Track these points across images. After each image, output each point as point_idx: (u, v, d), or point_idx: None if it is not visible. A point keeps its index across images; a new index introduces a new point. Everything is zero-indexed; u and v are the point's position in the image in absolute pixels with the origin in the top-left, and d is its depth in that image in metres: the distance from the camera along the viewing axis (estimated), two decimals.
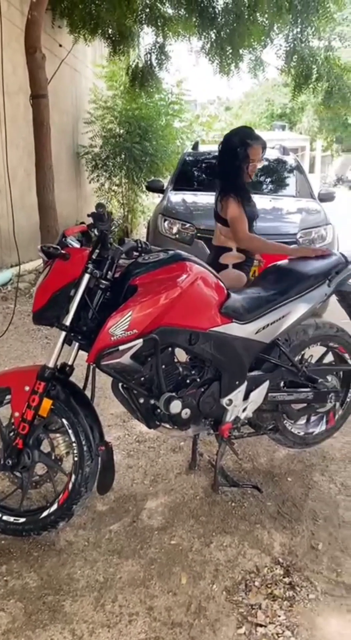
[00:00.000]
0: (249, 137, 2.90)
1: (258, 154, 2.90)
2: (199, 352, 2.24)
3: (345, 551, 2.12)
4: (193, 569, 2.03)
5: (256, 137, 2.92)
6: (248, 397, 2.41)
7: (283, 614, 1.82)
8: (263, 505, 2.40)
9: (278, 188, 6.12)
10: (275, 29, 6.17)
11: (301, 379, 2.60)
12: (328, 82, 6.06)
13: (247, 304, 2.35)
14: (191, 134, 12.44)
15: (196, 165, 6.44)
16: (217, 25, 6.24)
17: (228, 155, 2.92)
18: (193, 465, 2.66)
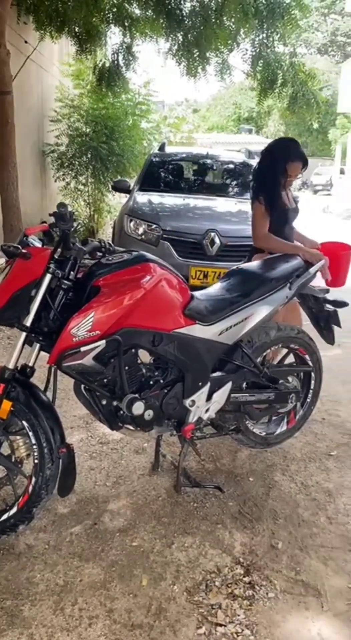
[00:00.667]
0: (291, 153, 2.94)
1: (296, 170, 2.94)
2: (162, 354, 2.25)
3: (304, 550, 2.15)
4: (154, 571, 2.03)
5: (298, 154, 2.94)
6: (211, 398, 2.42)
7: (243, 613, 1.84)
8: (224, 505, 2.42)
9: (243, 191, 6.19)
10: (242, 34, 6.21)
11: (263, 380, 2.64)
12: (292, 87, 6.15)
13: (211, 305, 2.37)
14: (158, 134, 12.46)
15: (162, 166, 6.45)
16: (184, 28, 6.26)
17: (266, 166, 3.01)
18: (155, 467, 2.66)
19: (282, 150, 2.97)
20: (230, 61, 6.70)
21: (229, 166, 6.63)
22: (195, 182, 6.49)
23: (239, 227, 5.09)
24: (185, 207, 5.33)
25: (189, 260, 4.70)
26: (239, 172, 6.54)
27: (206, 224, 4.87)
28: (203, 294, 2.45)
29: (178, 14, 6.28)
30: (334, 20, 36.44)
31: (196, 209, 5.33)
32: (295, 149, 2.97)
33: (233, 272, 2.68)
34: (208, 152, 6.95)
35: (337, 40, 36.68)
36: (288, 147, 3.00)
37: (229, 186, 6.41)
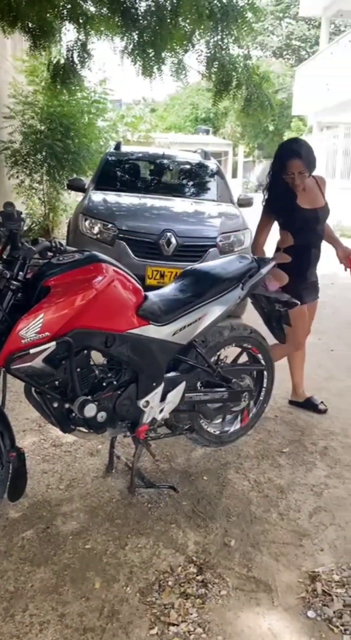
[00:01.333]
0: (287, 149, 2.97)
1: (295, 167, 2.90)
2: (115, 355, 2.24)
3: (256, 546, 2.19)
4: (107, 573, 2.02)
5: (293, 151, 2.93)
6: (165, 399, 2.43)
7: (195, 612, 1.85)
8: (178, 505, 2.43)
9: (199, 192, 6.23)
10: (197, 35, 6.24)
11: (217, 379, 2.66)
12: (247, 89, 6.20)
13: (164, 306, 2.37)
14: (115, 133, 12.39)
15: (118, 165, 6.42)
16: (139, 27, 6.22)
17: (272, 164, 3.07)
18: (109, 468, 2.64)
19: (280, 148, 3.05)
20: (186, 62, 6.73)
21: (185, 167, 6.66)
22: (151, 181, 6.49)
23: (195, 227, 5.13)
24: (141, 207, 5.32)
25: (146, 260, 4.69)
26: (196, 172, 6.58)
27: (162, 224, 4.88)
28: (156, 294, 2.45)
29: (133, 13, 6.25)
30: (289, 24, 37.11)
31: (152, 209, 5.33)
32: (290, 146, 3.01)
33: (187, 272, 2.70)
34: (164, 152, 6.96)
35: (292, 44, 37.37)
36: (285, 145, 3.07)
37: (186, 186, 6.44)
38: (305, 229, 3.07)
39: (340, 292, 6.58)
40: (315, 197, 3.10)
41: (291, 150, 2.95)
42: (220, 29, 5.93)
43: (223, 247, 4.88)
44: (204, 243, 4.88)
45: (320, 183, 3.15)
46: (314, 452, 2.94)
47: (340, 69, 16.25)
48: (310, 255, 3.14)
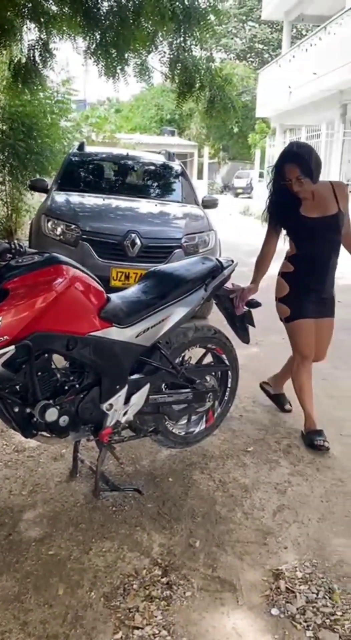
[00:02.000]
0: (284, 155, 2.85)
1: (292, 172, 2.76)
2: (77, 358, 2.22)
3: (221, 546, 2.20)
4: (71, 578, 1.99)
5: (291, 155, 2.82)
6: (128, 401, 2.42)
7: (160, 614, 1.84)
8: (143, 507, 2.42)
9: (164, 193, 6.23)
10: (160, 36, 6.26)
11: (181, 380, 2.67)
12: (210, 91, 6.27)
13: (127, 307, 2.36)
14: (79, 134, 12.29)
15: (82, 166, 6.36)
16: (102, 27, 6.21)
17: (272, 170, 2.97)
18: (73, 473, 2.61)
19: (280, 154, 2.90)
20: (150, 63, 6.74)
21: (149, 168, 6.65)
22: (115, 182, 6.45)
23: (160, 228, 5.12)
24: (105, 208, 5.29)
25: (110, 262, 4.66)
26: (160, 174, 6.58)
27: (126, 225, 4.86)
28: (119, 296, 2.44)
29: (96, 13, 6.23)
30: (252, 27, 37.56)
31: (116, 210, 5.30)
32: (287, 150, 2.90)
33: (150, 274, 2.69)
34: (128, 152, 6.94)
35: (255, 47, 37.84)
36: (284, 149, 2.94)
37: (150, 188, 6.43)
38: (310, 238, 2.93)
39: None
40: (326, 204, 2.89)
41: (287, 155, 2.83)
42: (183, 30, 5.97)
43: (188, 248, 4.89)
44: (169, 244, 4.88)
45: (337, 190, 2.92)
46: (278, 451, 2.98)
47: (302, 72, 16.52)
48: (314, 266, 2.98)
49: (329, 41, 15.55)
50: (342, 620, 1.86)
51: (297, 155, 2.79)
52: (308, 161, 2.76)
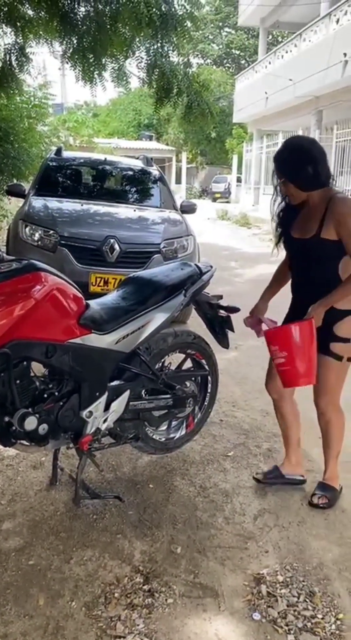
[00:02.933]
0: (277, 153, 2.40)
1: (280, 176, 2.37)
2: (57, 365, 2.20)
3: (202, 552, 2.20)
4: (52, 588, 1.97)
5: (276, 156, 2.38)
6: (108, 408, 2.40)
7: (142, 622, 1.83)
8: (124, 514, 2.41)
9: (142, 198, 6.23)
10: (137, 42, 6.28)
11: (161, 386, 2.67)
12: (187, 97, 6.30)
13: (106, 314, 2.35)
14: (56, 138, 12.23)
15: (59, 171, 6.33)
16: (79, 32, 6.20)
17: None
18: (53, 481, 2.59)
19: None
20: (127, 68, 6.74)
21: (128, 173, 6.65)
22: (94, 187, 6.43)
23: (139, 233, 5.12)
24: (83, 213, 5.27)
25: (89, 267, 4.65)
26: (138, 179, 6.58)
27: (105, 230, 4.85)
28: (98, 302, 2.43)
29: (73, 18, 6.22)
30: (228, 34, 37.89)
31: (95, 215, 5.29)
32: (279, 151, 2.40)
33: (129, 280, 2.69)
34: (106, 157, 6.93)
35: (232, 53, 38.18)
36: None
37: (129, 193, 6.43)
38: (294, 259, 2.53)
39: None
40: (309, 223, 2.35)
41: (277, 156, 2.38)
42: (160, 36, 6.00)
43: (167, 254, 4.90)
44: (148, 249, 4.89)
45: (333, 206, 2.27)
46: (258, 455, 2.99)
47: (278, 78, 16.71)
48: (301, 292, 2.51)
49: (304, 48, 15.79)
50: (323, 623, 1.87)
51: (279, 153, 2.37)
52: (286, 159, 2.31)
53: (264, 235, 14.41)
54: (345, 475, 2.80)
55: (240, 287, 7.24)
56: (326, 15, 14.27)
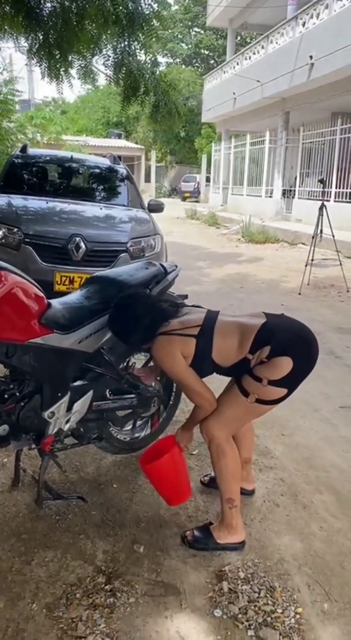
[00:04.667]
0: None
1: None
2: (17, 365, 2.17)
3: (165, 550, 2.21)
4: (12, 591, 1.95)
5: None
6: (71, 408, 2.39)
7: (104, 622, 1.83)
8: (87, 515, 2.40)
9: (109, 197, 6.20)
10: (104, 40, 6.23)
11: (125, 386, 2.66)
12: (155, 96, 6.28)
13: (69, 313, 2.33)
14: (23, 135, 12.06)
15: (25, 168, 6.25)
16: (45, 28, 6.11)
17: None
18: (16, 482, 2.56)
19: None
20: (95, 66, 6.69)
21: (95, 171, 6.61)
22: (60, 185, 6.37)
23: (105, 232, 5.10)
24: (49, 211, 5.21)
25: (54, 266, 4.60)
26: (106, 177, 6.55)
27: (71, 229, 4.81)
28: (60, 301, 2.41)
29: (38, 13, 6.12)
30: (197, 34, 38.00)
31: (60, 213, 5.24)
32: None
33: (93, 279, 2.67)
34: (72, 155, 6.87)
35: (201, 53, 38.32)
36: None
37: (95, 191, 6.39)
38: None
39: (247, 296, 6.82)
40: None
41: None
42: (127, 35, 5.96)
43: (134, 252, 4.89)
44: (115, 248, 4.87)
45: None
46: None
47: (246, 79, 16.86)
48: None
49: (272, 50, 15.96)
50: (282, 617, 1.91)
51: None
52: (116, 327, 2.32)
53: (232, 235, 14.52)
54: (305, 471, 2.86)
55: (207, 287, 7.28)
56: (293, 18, 14.47)
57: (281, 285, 7.85)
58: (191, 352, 2.19)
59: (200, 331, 2.20)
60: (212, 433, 2.22)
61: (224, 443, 2.22)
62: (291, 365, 2.08)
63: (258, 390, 2.12)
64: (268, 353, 2.09)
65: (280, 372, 2.08)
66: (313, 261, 7.42)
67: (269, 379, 2.09)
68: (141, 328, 2.24)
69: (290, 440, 3.20)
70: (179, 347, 2.18)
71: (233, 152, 20.84)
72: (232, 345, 2.17)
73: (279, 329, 2.18)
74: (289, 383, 2.13)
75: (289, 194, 16.72)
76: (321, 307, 6.60)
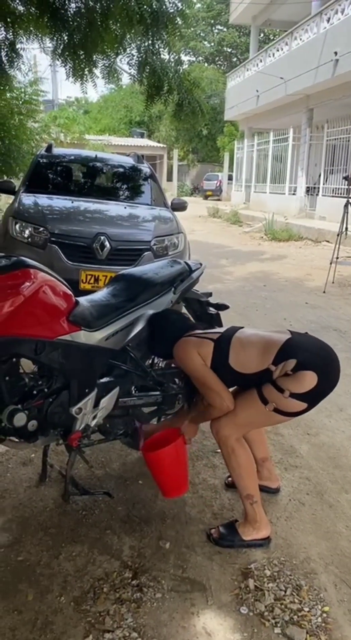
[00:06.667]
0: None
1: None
2: (46, 362, 2.20)
3: (191, 547, 2.22)
4: (41, 584, 1.98)
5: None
6: (98, 404, 2.41)
7: (131, 617, 1.85)
8: (113, 510, 2.42)
9: (133, 196, 6.23)
10: (128, 39, 6.27)
11: (151, 382, 2.68)
12: (178, 95, 6.29)
13: (96, 311, 2.36)
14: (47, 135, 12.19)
15: (50, 167, 6.31)
16: (69, 28, 6.17)
17: None
18: (43, 477, 2.60)
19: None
20: (118, 65, 6.73)
21: (118, 170, 6.64)
22: (84, 184, 6.42)
23: (129, 231, 5.12)
24: (74, 210, 5.26)
25: (79, 264, 4.64)
26: (129, 176, 6.57)
27: (95, 228, 4.84)
28: (88, 299, 2.43)
29: (63, 14, 6.18)
30: (220, 31, 37.87)
31: (85, 212, 5.28)
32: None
33: (119, 277, 2.70)
34: (96, 154, 6.92)
35: (223, 51, 38.18)
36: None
37: (119, 190, 6.42)
38: None
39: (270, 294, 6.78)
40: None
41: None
42: (151, 34, 5.98)
43: (157, 251, 4.90)
44: (138, 247, 4.89)
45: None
46: None
47: (269, 76, 16.74)
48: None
49: (295, 46, 15.82)
50: (309, 615, 1.90)
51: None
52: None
53: (255, 233, 14.45)
54: (331, 470, 2.84)
55: (230, 285, 7.26)
56: (318, 13, 14.32)
57: (305, 283, 7.79)
58: (209, 354, 2.27)
59: (220, 337, 2.31)
60: (222, 433, 2.24)
61: (234, 442, 2.24)
62: (315, 381, 2.07)
63: (278, 400, 2.12)
64: (293, 366, 2.09)
65: (304, 386, 2.08)
66: (338, 259, 7.35)
67: (292, 391, 2.08)
68: (165, 344, 2.43)
69: (316, 440, 3.18)
70: (195, 347, 2.31)
71: (256, 149, 20.72)
72: (251, 354, 2.21)
73: (304, 345, 2.19)
74: (310, 398, 2.12)
75: (313, 191, 16.56)
76: (346, 306, 6.53)
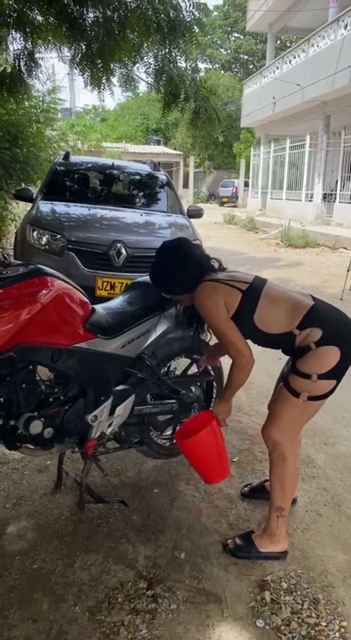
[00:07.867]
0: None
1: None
2: (62, 369, 2.20)
3: (206, 558, 2.19)
4: (56, 592, 1.98)
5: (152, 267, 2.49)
6: (113, 412, 2.41)
7: (145, 628, 1.84)
8: (128, 519, 2.41)
9: (149, 203, 6.25)
10: (145, 48, 6.29)
11: (166, 391, 2.67)
12: (195, 102, 6.29)
13: (112, 319, 2.36)
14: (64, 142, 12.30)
15: (67, 175, 6.36)
16: (87, 37, 6.21)
17: None
18: (58, 485, 2.60)
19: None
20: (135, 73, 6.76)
21: (135, 177, 6.67)
22: (101, 192, 6.46)
23: (146, 238, 5.13)
24: (91, 218, 5.29)
25: (96, 271, 4.65)
26: (146, 183, 6.60)
27: (112, 235, 4.86)
28: (104, 307, 2.44)
29: (81, 24, 6.24)
30: (237, 39, 37.98)
31: (102, 220, 5.30)
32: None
33: (135, 285, 2.70)
34: (113, 162, 6.96)
35: (240, 58, 38.27)
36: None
37: (136, 197, 6.45)
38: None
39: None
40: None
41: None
42: (168, 42, 6.00)
43: None
44: (155, 254, 4.89)
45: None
46: (263, 461, 2.98)
47: (286, 83, 16.73)
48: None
49: (312, 53, 15.79)
50: (327, 630, 1.86)
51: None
52: (155, 274, 2.46)
53: (271, 240, 14.40)
54: (349, 481, 2.79)
55: None
56: (335, 20, 14.29)
57: (322, 290, 7.72)
58: (234, 305, 2.15)
59: (248, 288, 2.17)
60: (274, 438, 2.20)
61: (287, 449, 2.19)
62: (338, 356, 2.05)
63: (308, 387, 2.09)
64: (318, 338, 2.05)
65: (328, 364, 2.06)
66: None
67: (318, 373, 2.06)
68: (184, 273, 2.24)
69: (333, 450, 3.14)
70: (223, 296, 2.15)
71: (272, 156, 20.69)
72: (278, 313, 2.15)
73: (328, 315, 2.15)
74: (337, 373, 2.09)
75: (329, 197, 16.47)
76: None
